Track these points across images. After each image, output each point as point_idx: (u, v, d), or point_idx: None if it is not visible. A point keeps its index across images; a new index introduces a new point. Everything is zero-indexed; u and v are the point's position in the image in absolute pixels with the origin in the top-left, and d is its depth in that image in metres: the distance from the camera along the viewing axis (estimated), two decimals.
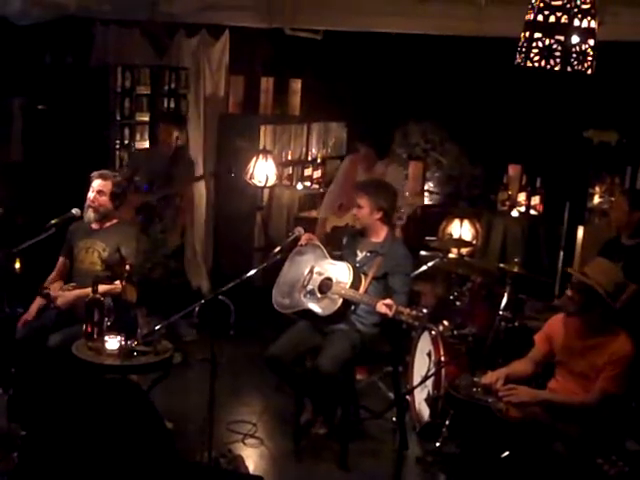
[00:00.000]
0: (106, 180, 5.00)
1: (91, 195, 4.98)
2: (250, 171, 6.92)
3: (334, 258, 4.97)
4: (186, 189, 6.79)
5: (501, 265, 5.56)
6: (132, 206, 6.29)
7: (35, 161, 6.98)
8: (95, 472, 2.62)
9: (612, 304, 3.96)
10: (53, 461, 2.66)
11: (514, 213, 7.02)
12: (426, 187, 7.62)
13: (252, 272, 4.66)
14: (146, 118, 7.24)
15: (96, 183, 4.99)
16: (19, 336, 4.79)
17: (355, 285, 4.72)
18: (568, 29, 3.59)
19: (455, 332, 5.29)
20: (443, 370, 4.95)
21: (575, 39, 3.61)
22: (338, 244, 5.19)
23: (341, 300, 4.71)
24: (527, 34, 3.67)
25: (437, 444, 4.87)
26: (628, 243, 5.00)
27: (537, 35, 3.64)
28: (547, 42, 3.61)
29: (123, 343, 4.36)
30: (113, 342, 4.35)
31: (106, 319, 4.49)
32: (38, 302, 4.92)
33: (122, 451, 2.65)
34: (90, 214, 4.99)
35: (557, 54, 3.60)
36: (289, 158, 8.11)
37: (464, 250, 6.43)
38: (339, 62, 7.97)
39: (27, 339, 4.75)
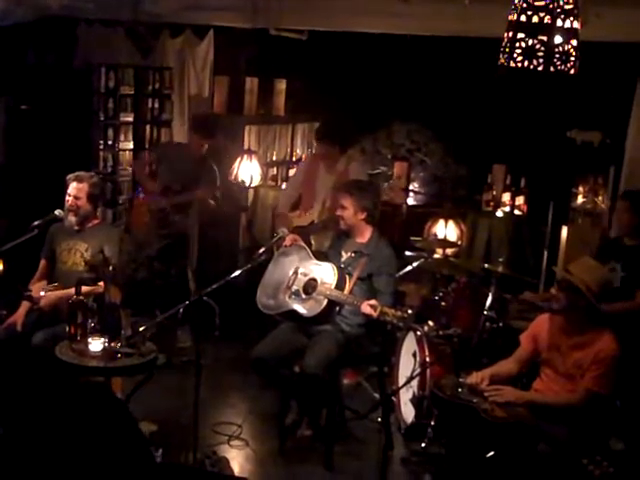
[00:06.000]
0: (82, 182, 4.95)
1: (68, 199, 4.94)
2: (234, 172, 6.89)
3: (319, 258, 4.96)
4: (207, 197, 6.40)
5: (486, 265, 5.57)
6: (147, 208, 6.23)
7: (18, 162, 6.93)
8: (67, 476, 2.59)
9: (595, 302, 3.97)
10: (24, 464, 2.63)
11: (499, 213, 7.03)
12: (411, 187, 7.61)
13: (236, 273, 4.64)
14: (130, 119, 7.22)
15: (72, 187, 4.94)
16: (0, 337, 4.75)
17: (340, 286, 4.71)
18: (551, 29, 3.60)
19: (440, 332, 5.29)
20: (428, 370, 4.94)
21: (558, 39, 3.62)
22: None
23: (326, 301, 4.70)
24: (510, 34, 3.67)
25: (422, 444, 4.87)
26: (629, 243, 5.09)
27: (520, 35, 3.64)
28: (530, 42, 3.62)
29: (107, 345, 4.34)
30: (97, 344, 4.33)
31: (89, 321, 4.46)
32: (25, 306, 4.86)
33: (92, 455, 2.62)
34: (71, 218, 4.94)
35: (540, 54, 3.61)
36: (274, 158, 8.09)
37: (449, 250, 6.44)
38: (324, 62, 7.96)
39: (9, 339, 4.72)
